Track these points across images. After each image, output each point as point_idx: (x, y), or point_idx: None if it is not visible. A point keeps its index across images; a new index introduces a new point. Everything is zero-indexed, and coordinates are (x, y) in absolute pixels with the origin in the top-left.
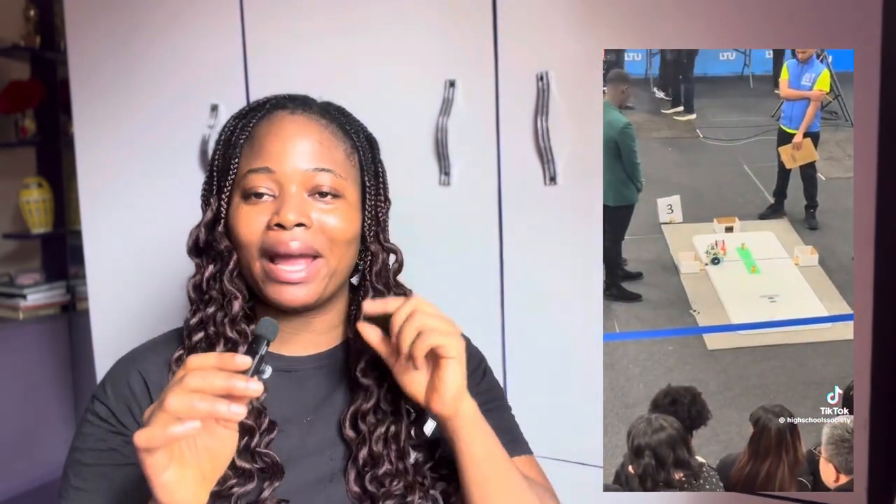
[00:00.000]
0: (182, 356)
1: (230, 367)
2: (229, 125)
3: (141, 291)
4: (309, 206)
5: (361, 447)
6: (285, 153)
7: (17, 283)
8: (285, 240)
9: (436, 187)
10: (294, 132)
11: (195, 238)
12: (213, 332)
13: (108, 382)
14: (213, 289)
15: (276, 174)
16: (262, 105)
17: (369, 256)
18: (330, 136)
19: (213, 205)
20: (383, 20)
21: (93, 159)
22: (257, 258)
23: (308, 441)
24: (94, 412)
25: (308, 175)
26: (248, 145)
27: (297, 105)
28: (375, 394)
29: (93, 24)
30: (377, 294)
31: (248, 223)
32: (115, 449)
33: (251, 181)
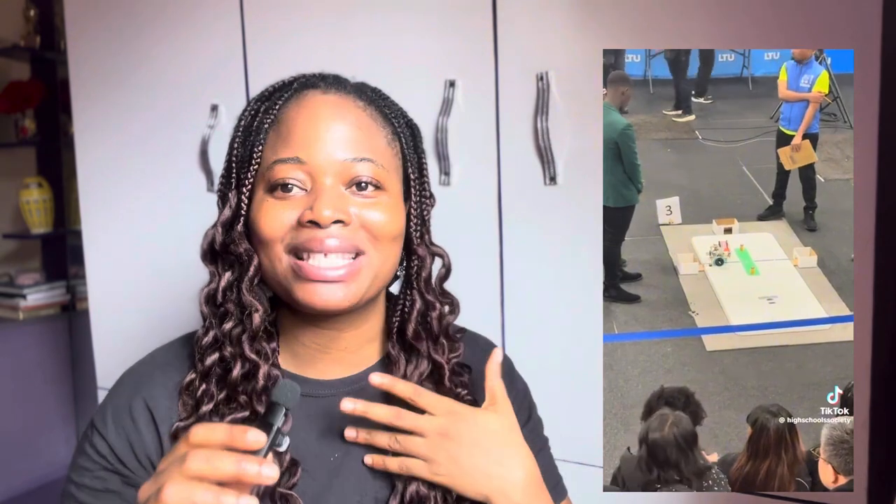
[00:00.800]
0: (194, 381)
1: (240, 445)
2: (251, 108)
3: (141, 291)
4: (347, 200)
5: (407, 487)
6: (318, 140)
7: (17, 283)
8: (321, 237)
9: (436, 187)
10: (328, 115)
11: (210, 240)
12: (231, 352)
13: (108, 408)
14: (229, 300)
15: (307, 165)
16: (289, 84)
17: (416, 261)
18: (369, 119)
19: (231, 201)
20: (383, 20)
21: (93, 159)
22: (284, 254)
23: (335, 484)
24: (93, 445)
25: (345, 165)
26: (274, 131)
27: (329, 84)
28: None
29: (93, 24)
30: (427, 305)
31: (275, 219)
32: (113, 490)
33: (278, 172)
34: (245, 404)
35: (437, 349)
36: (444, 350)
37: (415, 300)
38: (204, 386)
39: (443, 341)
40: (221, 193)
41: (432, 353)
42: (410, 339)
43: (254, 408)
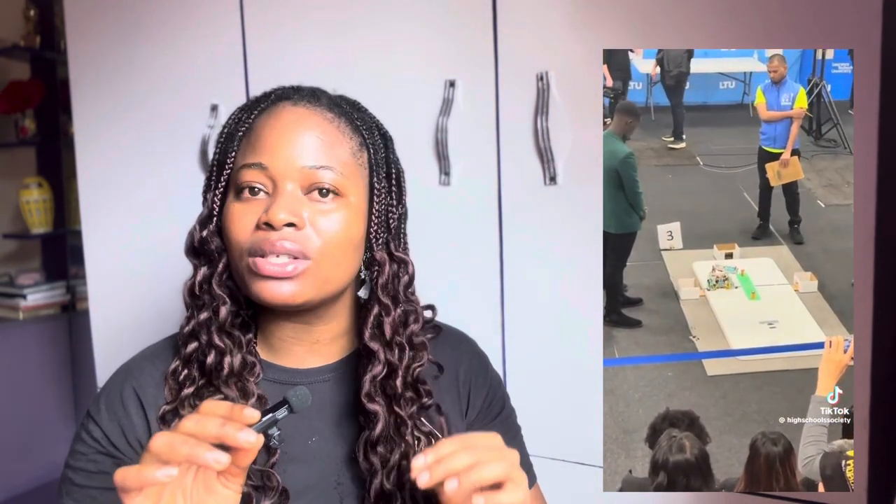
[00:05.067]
0: (177, 368)
1: (237, 418)
2: (233, 117)
3: (141, 291)
4: (303, 204)
5: (374, 478)
6: (281, 147)
7: (17, 283)
8: (272, 239)
9: (436, 187)
10: (293, 124)
11: (191, 238)
12: (206, 340)
13: (102, 398)
14: (204, 293)
15: (269, 170)
16: (267, 96)
17: (375, 267)
18: (335, 130)
19: (208, 201)
20: (383, 20)
21: (93, 159)
22: (244, 256)
23: (314, 464)
24: (88, 431)
25: (305, 172)
26: (247, 139)
27: (302, 96)
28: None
29: (93, 24)
30: (383, 309)
31: (238, 221)
32: (106, 472)
33: (243, 176)
34: (218, 388)
35: (392, 353)
36: (404, 356)
37: (372, 304)
38: (186, 371)
39: (403, 346)
40: (203, 194)
41: (388, 357)
42: (366, 341)
43: (227, 393)
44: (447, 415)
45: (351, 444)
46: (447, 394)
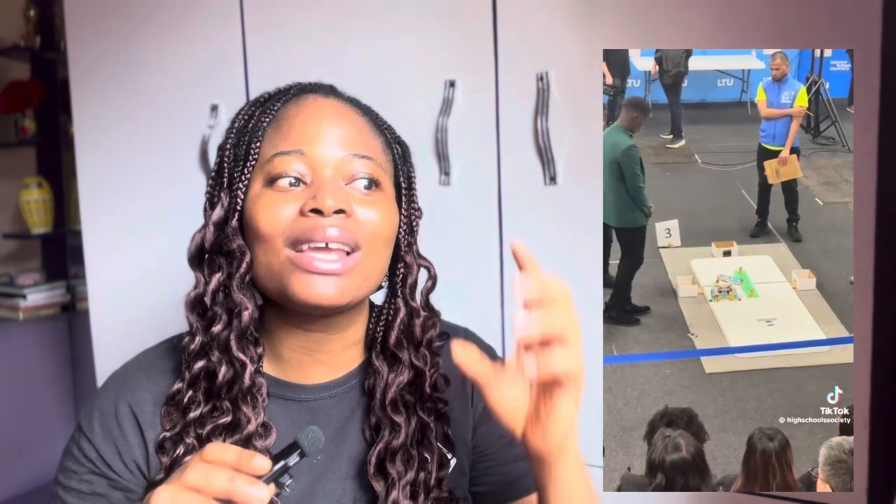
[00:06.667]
0: (180, 390)
1: (245, 469)
2: (246, 111)
3: (141, 291)
4: (347, 193)
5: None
6: (319, 135)
7: (17, 283)
8: (323, 225)
9: (436, 187)
10: (329, 114)
11: (198, 243)
12: (217, 357)
13: (96, 412)
14: (217, 303)
15: (308, 157)
16: (287, 90)
17: (402, 268)
18: (365, 125)
19: (223, 200)
20: (383, 20)
21: (93, 159)
22: (283, 247)
23: (317, 485)
24: (80, 448)
25: (345, 161)
26: (273, 128)
27: (327, 91)
28: (404, 432)
29: (93, 24)
30: (413, 312)
31: (274, 212)
32: (100, 494)
33: (279, 165)
34: (227, 410)
35: (419, 357)
36: (427, 360)
37: (399, 307)
38: (191, 393)
39: (424, 351)
40: (210, 196)
41: (414, 361)
42: (392, 347)
43: (236, 414)
44: (457, 420)
45: (353, 460)
46: (456, 399)
